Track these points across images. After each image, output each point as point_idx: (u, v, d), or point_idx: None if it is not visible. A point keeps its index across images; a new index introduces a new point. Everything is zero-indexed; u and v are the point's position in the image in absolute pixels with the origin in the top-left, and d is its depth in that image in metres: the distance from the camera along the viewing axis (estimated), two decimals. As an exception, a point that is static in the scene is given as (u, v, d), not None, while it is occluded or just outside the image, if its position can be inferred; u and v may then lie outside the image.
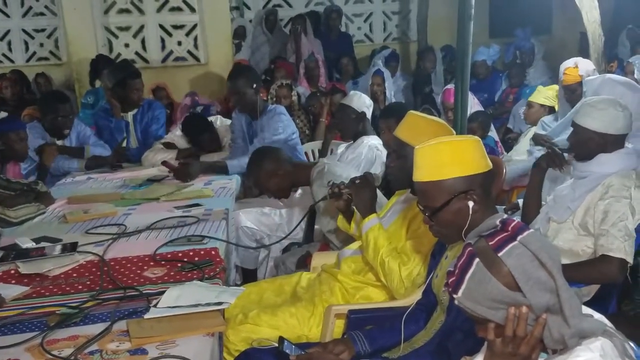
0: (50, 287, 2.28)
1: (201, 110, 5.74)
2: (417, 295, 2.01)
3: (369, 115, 4.05)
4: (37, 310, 2.07)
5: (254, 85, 3.90)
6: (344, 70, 7.43)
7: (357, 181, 2.37)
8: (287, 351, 1.91)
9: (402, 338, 1.86)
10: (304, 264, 2.91)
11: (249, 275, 3.58)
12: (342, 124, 4.10)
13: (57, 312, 2.02)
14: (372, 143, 3.86)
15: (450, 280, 1.35)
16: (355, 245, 2.45)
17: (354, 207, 2.40)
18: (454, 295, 1.33)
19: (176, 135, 4.58)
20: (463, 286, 1.31)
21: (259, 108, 3.94)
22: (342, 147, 3.99)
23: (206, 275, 2.28)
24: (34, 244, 2.68)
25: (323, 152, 4.62)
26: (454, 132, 2.30)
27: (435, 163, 1.70)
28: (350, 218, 2.48)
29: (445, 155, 1.69)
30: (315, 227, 3.26)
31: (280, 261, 3.17)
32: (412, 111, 2.35)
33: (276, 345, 2.00)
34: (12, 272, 2.40)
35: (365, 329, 1.99)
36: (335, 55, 7.67)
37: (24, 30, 7.86)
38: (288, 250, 3.36)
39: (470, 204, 1.67)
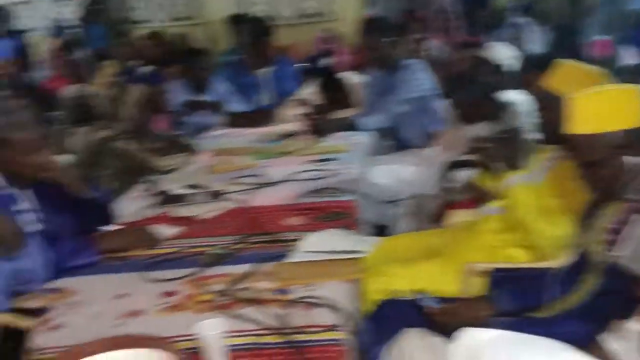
0: (201, 229, 2.44)
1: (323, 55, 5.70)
2: (566, 256, 1.94)
3: (510, 68, 3.88)
4: (190, 249, 2.23)
5: (391, 38, 3.83)
6: (479, 23, 7.14)
7: (502, 135, 2.30)
8: (424, 303, 1.92)
9: (548, 298, 1.81)
10: (439, 218, 2.90)
11: (381, 231, 3.60)
12: (475, 78, 3.96)
13: (208, 252, 2.16)
14: (512, 98, 3.71)
15: (612, 239, 1.29)
16: (497, 203, 2.40)
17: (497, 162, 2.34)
18: (617, 255, 1.27)
19: (308, 91, 4.66)
20: (627, 245, 1.25)
21: (396, 62, 3.88)
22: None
23: (343, 227, 2.34)
24: (184, 190, 2.86)
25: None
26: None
27: (594, 114, 1.60)
28: (492, 174, 2.42)
29: (606, 106, 1.59)
30: (450, 184, 3.21)
31: (415, 214, 3.17)
32: (561, 60, 2.23)
33: (412, 297, 2.02)
34: (167, 215, 2.59)
35: (508, 287, 1.95)
36: (471, 6, 7.36)
37: (162, -7, 8.25)
38: (420, 206, 3.35)
39: (631, 159, 1.58)
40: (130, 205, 2.77)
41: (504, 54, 3.90)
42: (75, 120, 4.38)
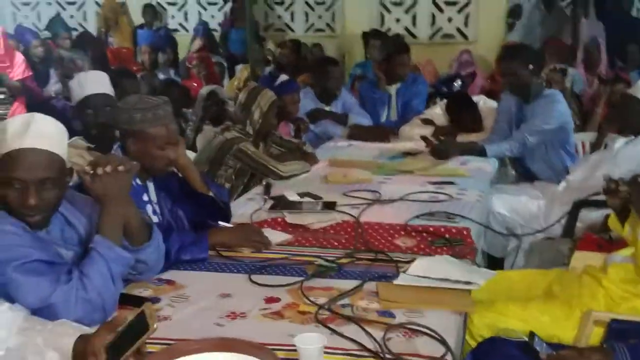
0: (310, 238, 2.43)
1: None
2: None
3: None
4: (298, 257, 2.23)
5: (530, 67, 3.68)
6: (629, 58, 6.71)
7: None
8: (537, 347, 1.80)
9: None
10: (561, 261, 2.72)
11: (495, 263, 3.46)
12: (623, 116, 3.72)
13: (315, 262, 2.14)
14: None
15: None
16: (627, 252, 2.21)
17: (631, 208, 2.16)
18: None
19: (436, 112, 4.58)
20: None
21: (533, 91, 3.73)
22: (619, 142, 3.62)
23: (456, 254, 2.25)
24: (299, 197, 2.88)
25: (596, 145, 4.25)
26: None
27: None
28: (625, 219, 2.25)
29: None
30: (578, 224, 3.03)
31: (536, 253, 3.01)
32: None
33: (523, 338, 1.90)
34: (279, 220, 2.61)
35: (628, 341, 1.79)
36: (620, 40, 6.92)
37: (306, 3, 8.42)
38: (542, 244, 3.17)
39: None
40: (246, 206, 2.82)
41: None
42: (205, 118, 4.57)
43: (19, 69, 5.90)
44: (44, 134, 1.70)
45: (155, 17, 8.27)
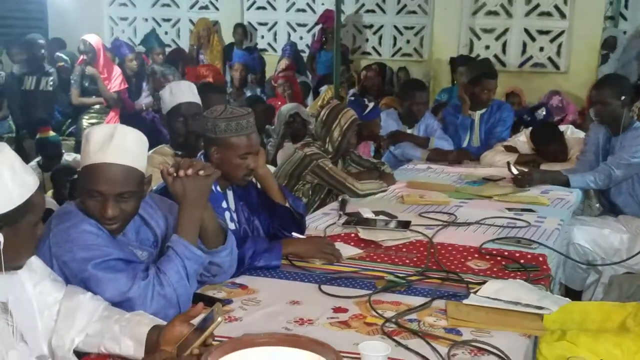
0: (382, 255, 2.45)
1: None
2: None
3: None
4: (368, 272, 2.25)
5: (623, 98, 3.57)
6: None
7: None
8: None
9: None
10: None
11: (572, 297, 3.34)
12: None
13: (385, 277, 2.16)
14: None
15: None
16: None
17: None
18: None
19: (519, 140, 4.50)
20: None
21: (624, 123, 3.62)
22: None
23: (531, 279, 2.21)
24: (374, 215, 2.91)
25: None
26: None
27: None
28: None
29: None
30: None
31: (615, 287, 2.89)
32: None
33: (594, 370, 1.84)
34: (353, 235, 2.65)
35: None
36: None
37: (395, 27, 8.48)
38: (623, 278, 3.05)
39: None
40: (321, 220, 2.87)
41: None
42: (286, 136, 4.68)
43: (116, 81, 6.21)
44: (125, 148, 1.76)
45: (245, 36, 8.54)
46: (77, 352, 1.62)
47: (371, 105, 4.16)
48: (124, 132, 1.79)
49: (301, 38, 8.66)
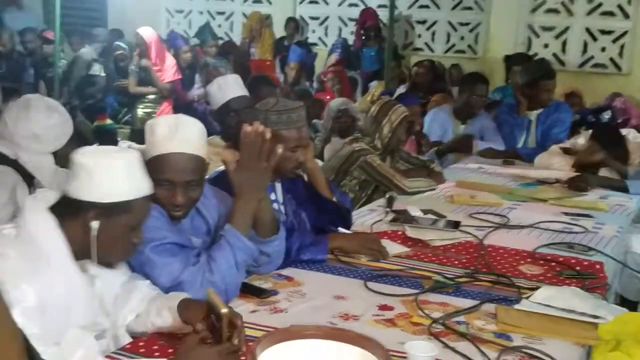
0: (429, 254, 2.39)
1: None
2: None
3: None
4: (414, 271, 2.19)
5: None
6: None
7: None
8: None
9: None
10: None
11: (627, 307, 3.21)
12: None
13: (432, 277, 2.10)
14: None
15: None
16: None
17: None
18: None
19: (578, 142, 4.34)
20: None
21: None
22: None
23: (587, 287, 2.12)
24: (422, 214, 2.84)
25: None
26: None
27: None
28: None
29: None
30: None
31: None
32: None
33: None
34: (400, 233, 2.59)
35: None
36: None
37: (449, 23, 8.33)
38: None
39: None
40: (368, 216, 2.82)
41: None
42: (334, 130, 4.63)
43: (169, 72, 6.27)
44: (190, 138, 1.82)
45: (296, 30, 8.53)
46: (131, 335, 1.66)
47: (413, 94, 4.04)
48: (187, 122, 1.85)
49: (352, 33, 8.60)
